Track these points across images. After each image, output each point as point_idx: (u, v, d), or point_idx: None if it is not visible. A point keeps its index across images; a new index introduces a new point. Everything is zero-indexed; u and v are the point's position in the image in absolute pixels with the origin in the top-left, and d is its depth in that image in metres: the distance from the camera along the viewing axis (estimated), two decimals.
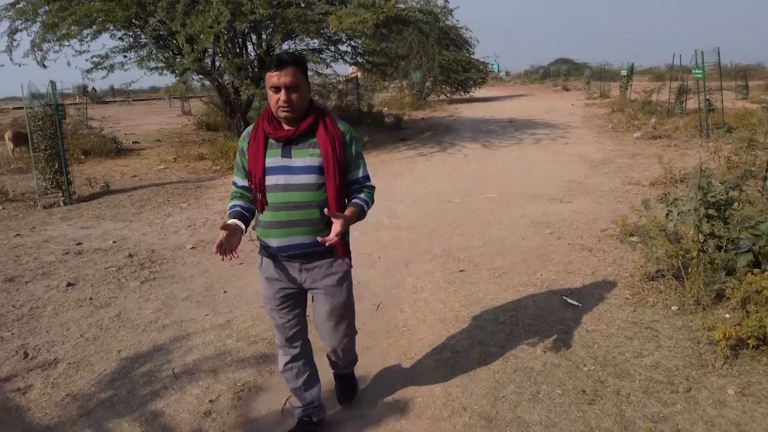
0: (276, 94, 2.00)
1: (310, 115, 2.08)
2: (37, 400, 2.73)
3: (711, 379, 2.62)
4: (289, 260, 2.17)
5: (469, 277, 4.14)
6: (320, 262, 2.18)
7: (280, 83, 1.97)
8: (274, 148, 2.09)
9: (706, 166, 3.72)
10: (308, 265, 2.17)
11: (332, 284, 2.21)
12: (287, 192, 2.06)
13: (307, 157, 2.08)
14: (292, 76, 1.98)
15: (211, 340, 3.27)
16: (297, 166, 2.07)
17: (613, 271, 4.04)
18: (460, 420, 2.41)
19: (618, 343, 2.99)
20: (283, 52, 2.07)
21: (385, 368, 2.92)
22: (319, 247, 2.08)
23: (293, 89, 1.99)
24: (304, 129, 2.06)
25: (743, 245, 3.57)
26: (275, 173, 2.07)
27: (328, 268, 2.20)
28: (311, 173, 2.07)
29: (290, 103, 2.00)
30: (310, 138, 2.09)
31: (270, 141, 2.10)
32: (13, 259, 5.05)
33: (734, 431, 2.25)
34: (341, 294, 2.25)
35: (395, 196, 7.24)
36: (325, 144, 2.08)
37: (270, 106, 2.08)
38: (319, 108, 2.15)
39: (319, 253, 2.15)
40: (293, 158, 2.08)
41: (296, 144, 2.08)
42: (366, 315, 3.59)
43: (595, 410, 2.42)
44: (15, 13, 11.88)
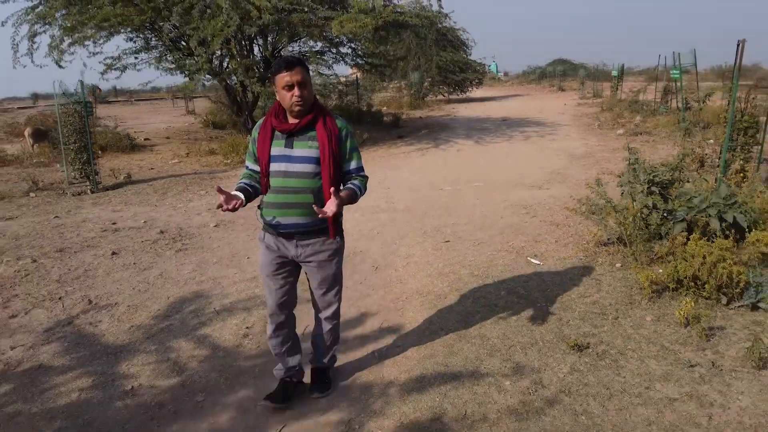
0: (289, 92, 2.27)
1: (311, 111, 2.36)
2: (108, 329, 3.49)
3: (635, 311, 3.38)
4: (287, 237, 2.44)
5: (453, 246, 4.90)
6: (314, 240, 2.44)
7: (293, 81, 2.25)
8: (279, 139, 2.38)
9: (635, 154, 4.48)
10: (303, 242, 2.44)
11: (324, 259, 2.48)
12: (287, 178, 2.34)
13: (306, 148, 2.35)
14: (301, 74, 2.27)
15: (242, 289, 4.03)
16: (297, 155, 2.35)
17: (573, 240, 4.81)
18: (438, 336, 3.17)
19: (567, 289, 3.75)
20: (288, 54, 2.58)
21: (382, 307, 3.68)
22: (312, 226, 2.38)
23: (303, 85, 2.28)
24: (305, 123, 2.34)
25: (679, 215, 4.34)
26: (278, 161, 2.36)
27: (321, 245, 2.46)
28: (309, 163, 2.34)
29: (303, 97, 2.28)
30: (310, 131, 2.36)
31: (276, 132, 2.39)
32: (58, 235, 5.80)
33: (644, 342, 3.01)
34: (331, 267, 2.52)
35: (392, 185, 7.99)
36: (322, 138, 2.33)
37: (280, 102, 2.36)
38: (321, 106, 2.42)
39: (313, 232, 2.43)
40: (294, 149, 2.35)
41: (298, 136, 2.36)
42: (367, 274, 4.35)
43: (540, 330, 3.18)
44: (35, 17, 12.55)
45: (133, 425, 2.51)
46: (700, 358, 2.82)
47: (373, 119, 16.83)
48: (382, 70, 15.59)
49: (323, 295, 2.60)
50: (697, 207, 4.33)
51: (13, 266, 4.80)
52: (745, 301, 3.34)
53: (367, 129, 14.09)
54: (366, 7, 10.33)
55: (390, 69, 16.91)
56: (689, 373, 2.68)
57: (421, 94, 25.13)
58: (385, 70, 16.18)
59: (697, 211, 4.30)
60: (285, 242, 2.45)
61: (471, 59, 28.11)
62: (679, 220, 4.31)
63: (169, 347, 3.20)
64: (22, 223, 6.35)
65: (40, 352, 3.21)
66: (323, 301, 2.62)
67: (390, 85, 26.64)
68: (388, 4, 11.71)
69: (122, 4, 10.59)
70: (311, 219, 2.35)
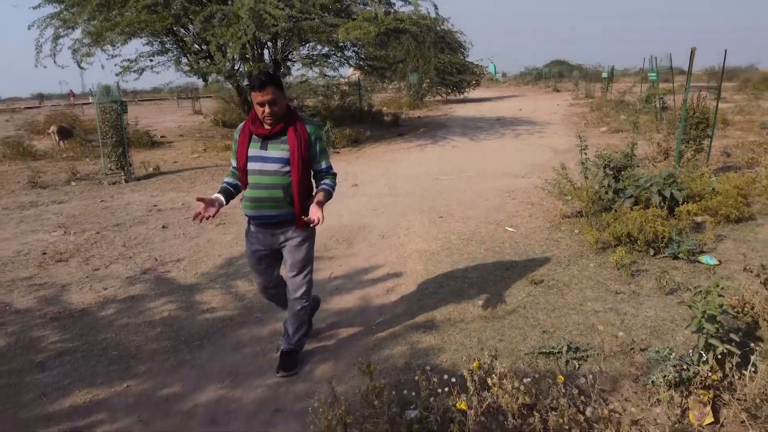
0: (261, 108, 2.62)
1: (283, 119, 2.68)
2: (178, 276, 4.51)
3: (583, 260, 4.40)
4: (263, 227, 2.80)
5: (445, 221, 5.92)
6: (285, 228, 2.80)
7: (264, 100, 2.58)
8: (256, 142, 2.70)
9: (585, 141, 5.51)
10: (277, 231, 2.80)
11: (295, 244, 2.82)
12: (261, 176, 2.67)
13: (278, 150, 2.68)
14: (271, 94, 2.58)
15: None
16: (270, 156, 2.67)
17: (544, 214, 5.84)
18: (431, 277, 4.20)
19: (532, 247, 4.77)
20: (262, 72, 2.66)
21: (388, 261, 4.69)
22: (282, 218, 2.74)
23: (273, 103, 2.60)
24: (278, 130, 2.67)
25: (628, 192, 5.36)
26: (254, 161, 2.69)
27: (293, 232, 2.81)
28: (280, 163, 2.66)
29: (272, 113, 2.62)
30: (282, 136, 2.69)
31: (253, 136, 2.71)
32: (110, 214, 6.81)
33: (585, 279, 4.02)
34: (301, 252, 2.84)
35: (394, 175, 9.00)
36: (292, 141, 2.66)
37: (257, 115, 2.67)
38: (293, 113, 2.73)
39: (285, 222, 2.77)
40: (268, 150, 2.68)
41: (272, 140, 2.69)
42: (375, 240, 5.36)
43: (508, 272, 4.21)
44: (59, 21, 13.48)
45: (213, 330, 3.52)
46: (624, 288, 3.84)
47: (374, 118, 17.83)
48: (382, 72, 16.61)
49: (294, 277, 2.89)
50: (642, 186, 5.36)
51: (80, 236, 5.81)
52: (667, 252, 4.36)
53: (369, 127, 15.10)
54: (370, 16, 11.35)
55: (390, 71, 17.94)
56: (614, 297, 3.70)
57: (419, 94, 26.11)
58: (385, 72, 17.21)
59: (642, 189, 5.33)
60: (262, 232, 2.82)
61: (468, 61, 29.13)
62: (627, 196, 5.34)
63: (230, 285, 4.21)
64: (74, 206, 7.36)
65: (130, 290, 4.23)
66: (293, 283, 2.90)
67: (389, 86, 27.67)
68: (390, 11, 12.73)
69: (146, 11, 11.58)
70: (281, 211, 2.73)
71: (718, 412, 2.55)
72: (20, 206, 7.46)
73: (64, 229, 6.12)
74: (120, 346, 3.32)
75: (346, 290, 4.13)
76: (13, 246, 5.56)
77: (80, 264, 4.91)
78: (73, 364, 3.14)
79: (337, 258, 4.89)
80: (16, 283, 4.49)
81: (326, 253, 5.01)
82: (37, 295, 4.20)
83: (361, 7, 12.87)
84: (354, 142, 13.04)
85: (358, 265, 4.66)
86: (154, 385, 2.90)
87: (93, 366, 3.11)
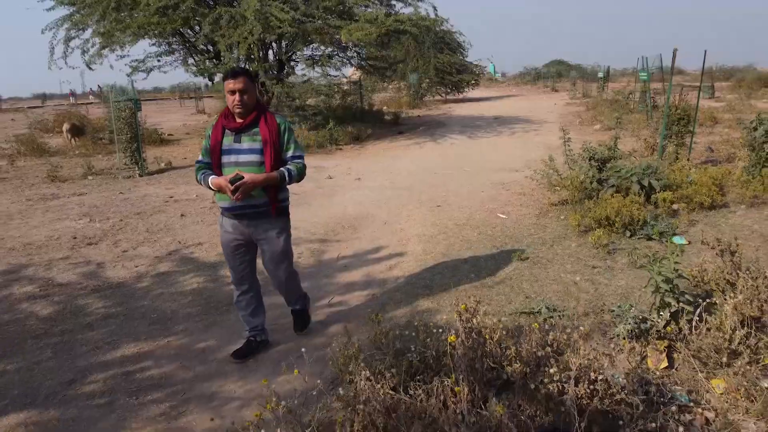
0: (232, 96, 2.75)
1: (253, 111, 2.82)
2: (202, 256, 4.99)
3: (566, 241, 4.88)
4: (240, 219, 2.88)
5: (443, 210, 6.40)
6: (262, 220, 2.86)
7: (235, 88, 2.72)
8: (229, 136, 2.83)
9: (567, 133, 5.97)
10: (253, 221, 2.88)
11: (273, 236, 2.91)
12: (237, 167, 2.76)
13: (251, 142, 2.80)
14: (243, 83, 2.72)
15: None
16: (244, 148, 2.80)
17: (534, 203, 6.32)
18: (429, 256, 4.68)
19: (521, 230, 5.25)
20: (236, 66, 3.11)
21: (391, 243, 5.18)
22: (258, 207, 2.82)
23: (244, 92, 2.74)
24: (249, 122, 2.80)
25: (610, 182, 5.83)
26: (228, 153, 2.81)
27: (269, 224, 2.88)
28: (254, 153, 2.79)
29: (242, 102, 2.75)
30: (254, 128, 2.81)
31: (226, 130, 2.84)
32: (129, 204, 7.28)
33: (566, 256, 4.50)
34: (279, 244, 2.93)
35: (395, 170, 9.47)
36: (264, 132, 2.78)
37: (228, 105, 2.80)
38: (262, 107, 2.88)
39: (260, 213, 2.85)
40: (242, 143, 2.81)
41: (244, 132, 2.82)
42: (378, 227, 5.84)
43: (499, 252, 4.68)
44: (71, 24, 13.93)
45: None
46: (600, 263, 4.32)
47: (374, 117, 18.30)
48: (383, 71, 17.10)
49: (274, 270, 3.03)
50: (623, 175, 5.84)
51: (106, 224, 6.29)
52: (642, 234, 4.84)
53: (370, 126, 15.57)
54: (371, 18, 11.82)
55: (391, 71, 18.42)
56: (591, 270, 4.18)
57: (419, 94, 26.59)
58: (386, 72, 17.70)
59: (623, 179, 5.80)
60: (238, 223, 2.91)
61: (467, 61, 29.61)
62: (610, 186, 5.82)
63: None
64: (94, 198, 7.84)
65: (159, 268, 4.71)
66: (275, 277, 3.07)
67: (389, 86, 28.14)
68: (391, 13, 13.21)
69: (157, 14, 12.05)
70: (257, 201, 2.82)
71: (672, 359, 3.03)
72: (43, 198, 7.93)
73: (89, 218, 6.59)
74: (157, 311, 3.80)
75: (353, 267, 4.61)
76: (43, 232, 6.03)
77: (110, 246, 5.39)
78: (118, 325, 3.61)
79: (344, 241, 5.37)
80: (54, 262, 4.96)
81: (334, 237, 5.49)
82: (75, 272, 4.67)
83: (363, 9, 13.35)
84: (356, 140, 13.52)
85: (363, 247, 5.14)
86: (190, 340, 3.38)
87: (136, 326, 3.59)
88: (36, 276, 4.61)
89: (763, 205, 5.75)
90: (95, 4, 12.73)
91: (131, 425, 2.55)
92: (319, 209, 6.69)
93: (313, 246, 5.19)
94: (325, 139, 12.66)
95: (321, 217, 6.29)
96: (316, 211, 6.57)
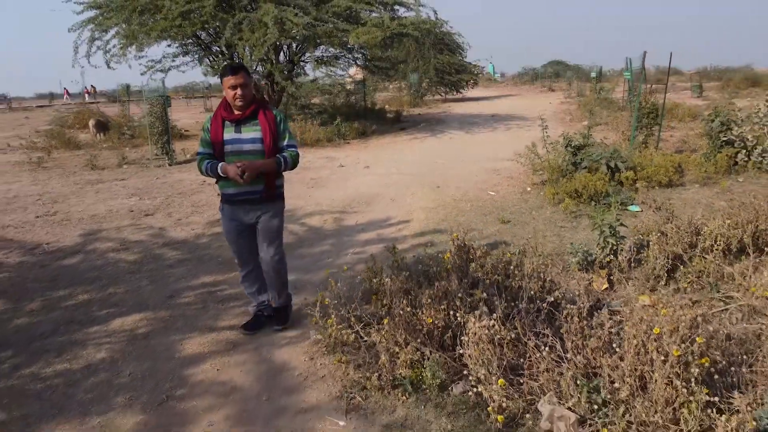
0: (233, 91, 2.93)
1: (252, 104, 3.02)
2: None
3: (542, 210, 5.97)
4: (240, 205, 3.10)
5: (442, 190, 7.48)
6: (260, 205, 3.11)
7: (236, 83, 2.90)
8: (229, 127, 3.01)
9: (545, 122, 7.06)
10: (253, 207, 3.11)
11: (268, 218, 3.16)
12: (239, 156, 2.96)
13: (252, 131, 3.00)
14: (243, 78, 2.91)
15: (312, 210, 6.60)
16: (245, 138, 3.00)
17: (520, 184, 7.41)
18: (430, 222, 5.76)
19: (507, 203, 6.35)
20: (232, 61, 3.64)
21: (398, 214, 6.26)
22: (260, 193, 3.05)
23: (244, 87, 2.92)
24: (249, 113, 3.00)
25: (583, 164, 6.92)
26: (231, 143, 2.99)
27: (266, 207, 3.14)
28: (255, 143, 2.99)
29: (243, 96, 2.94)
30: (253, 120, 3.01)
31: (226, 122, 2.99)
32: (169, 186, 8.36)
33: (541, 219, 5.58)
34: (273, 224, 3.19)
35: (399, 160, 10.55)
36: (263, 122, 2.99)
37: (226, 98, 2.99)
38: (260, 100, 3.09)
39: (260, 199, 3.08)
40: (243, 133, 3.00)
41: (244, 124, 3.01)
42: (386, 203, 6.92)
43: (487, 216, 5.77)
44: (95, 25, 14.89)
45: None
46: (567, 224, 5.40)
47: (377, 115, 19.37)
48: (386, 71, 18.18)
49: (267, 247, 3.25)
50: (594, 159, 6.92)
51: (154, 201, 7.37)
52: (604, 203, 5.92)
53: (373, 123, 16.65)
54: (377, 22, 12.91)
55: (393, 71, 19.50)
56: (559, 229, 5.26)
57: (419, 93, 27.62)
58: (388, 72, 18.78)
59: (594, 161, 6.89)
60: (239, 210, 3.14)
61: (466, 61, 30.65)
62: (583, 167, 6.90)
63: (287, 227, 5.77)
64: (135, 182, 8.92)
65: (212, 230, 5.80)
66: (267, 254, 3.27)
67: (391, 86, 29.20)
68: (395, 18, 14.29)
69: (180, 18, 13.11)
70: (258, 187, 3.05)
71: (612, 282, 4.10)
72: (89, 182, 9.01)
73: (138, 197, 7.67)
74: (221, 257, 4.88)
75: (369, 230, 5.69)
76: (102, 207, 7.11)
77: (165, 217, 6.47)
78: (193, 265, 4.70)
79: (359, 213, 6.45)
80: (122, 228, 6.04)
81: (350, 210, 6.58)
82: (143, 234, 5.76)
83: (369, 13, 14.42)
84: (362, 135, 14.60)
85: (376, 217, 6.23)
86: None
87: (207, 266, 4.68)
88: (111, 237, 5.70)
89: (714, 184, 6.83)
90: (121, 9, 13.77)
91: (223, 318, 3.64)
92: (335, 190, 7.78)
93: (335, 215, 6.28)
94: (333, 133, 13.73)
95: (338, 196, 7.37)
96: (333, 192, 7.65)
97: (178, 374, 2.96)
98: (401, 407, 2.54)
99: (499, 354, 2.49)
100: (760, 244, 4.29)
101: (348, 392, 2.67)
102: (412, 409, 2.52)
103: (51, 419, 2.63)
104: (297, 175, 8.41)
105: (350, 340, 2.83)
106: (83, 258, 5.05)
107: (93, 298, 4.06)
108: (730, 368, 2.39)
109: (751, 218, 4.42)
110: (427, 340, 2.73)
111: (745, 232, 4.29)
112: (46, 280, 4.50)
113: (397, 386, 2.64)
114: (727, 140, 7.68)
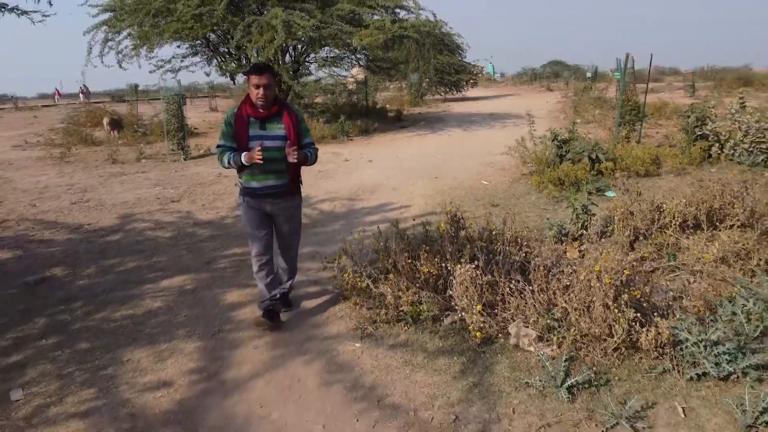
0: (257, 90, 3.07)
1: (276, 103, 3.20)
2: None
3: (528, 196, 6.68)
4: (262, 198, 3.24)
5: (440, 180, 8.20)
6: (282, 199, 3.30)
7: (260, 83, 3.05)
8: (254, 124, 3.14)
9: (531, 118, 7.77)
10: (275, 200, 3.29)
11: (292, 212, 3.40)
12: (264, 152, 3.06)
13: (276, 129, 3.17)
14: (267, 78, 3.06)
15: (323, 197, 7.32)
16: (270, 135, 3.15)
17: (510, 175, 8.14)
18: (429, 206, 6.48)
19: (497, 191, 7.06)
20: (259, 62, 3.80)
21: (400, 200, 6.98)
22: (282, 187, 3.25)
23: (267, 87, 3.08)
24: (275, 112, 3.18)
25: (568, 157, 7.63)
26: (255, 140, 3.12)
27: (289, 201, 3.37)
28: (279, 139, 3.15)
29: (266, 96, 3.10)
30: (277, 118, 3.18)
31: (251, 119, 3.13)
32: (188, 178, 9.07)
33: (527, 204, 6.28)
34: (297, 218, 3.46)
35: (400, 155, 11.27)
36: (287, 121, 3.18)
37: (250, 95, 3.13)
38: (282, 101, 3.27)
39: (282, 192, 3.28)
40: (267, 130, 3.16)
41: (269, 121, 3.16)
42: (389, 191, 7.63)
43: (479, 200, 6.48)
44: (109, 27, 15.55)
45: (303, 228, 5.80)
46: (550, 208, 6.10)
47: (379, 114, 20.08)
48: (388, 71, 18.90)
49: (290, 237, 3.50)
50: (577, 151, 7.64)
51: (178, 190, 8.08)
52: (584, 189, 6.63)
53: (375, 121, 17.36)
54: (380, 24, 13.63)
55: (394, 71, 20.22)
56: (542, 211, 5.97)
57: (419, 93, 28.30)
58: (390, 72, 19.50)
59: (577, 153, 7.61)
60: (261, 202, 3.28)
61: (466, 61, 31.34)
62: (567, 159, 7.62)
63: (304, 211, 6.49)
64: (155, 174, 9.64)
65: (235, 213, 6.51)
66: (289, 243, 3.52)
67: (391, 85, 29.90)
68: (396, 20, 15.00)
69: (192, 20, 13.82)
70: (282, 181, 3.25)
71: (582, 252, 4.81)
72: (112, 174, 9.73)
73: (162, 187, 8.39)
74: None
75: (374, 213, 6.41)
76: (130, 196, 7.82)
77: (190, 203, 7.19)
78: (223, 240, 5.42)
79: (365, 199, 7.17)
80: (152, 212, 6.76)
81: (357, 197, 7.29)
82: (173, 216, 6.48)
83: (370, 16, 15.13)
84: (364, 132, 15.32)
85: (380, 203, 6.94)
86: None
87: (235, 240, 5.39)
88: (145, 218, 6.41)
89: (687, 174, 7.54)
90: (135, 11, 14.47)
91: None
92: (342, 181, 8.49)
93: (343, 201, 7.00)
94: (337, 131, 14.44)
95: (345, 185, 8.09)
96: (340, 183, 8.37)
97: (224, 315, 3.68)
98: (404, 334, 3.26)
99: (479, 293, 3.20)
100: (714, 220, 5.00)
101: (362, 325, 3.39)
102: (412, 335, 3.24)
103: (127, 346, 3.35)
104: (305, 169, 9.10)
105: (363, 286, 3.54)
106: (124, 235, 5.77)
107: (141, 265, 4.78)
108: (658, 299, 3.10)
109: (706, 198, 5.14)
110: (424, 286, 3.44)
111: (699, 210, 5.00)
112: (95, 252, 5.21)
113: (401, 320, 3.35)
114: (701, 134, 8.39)
